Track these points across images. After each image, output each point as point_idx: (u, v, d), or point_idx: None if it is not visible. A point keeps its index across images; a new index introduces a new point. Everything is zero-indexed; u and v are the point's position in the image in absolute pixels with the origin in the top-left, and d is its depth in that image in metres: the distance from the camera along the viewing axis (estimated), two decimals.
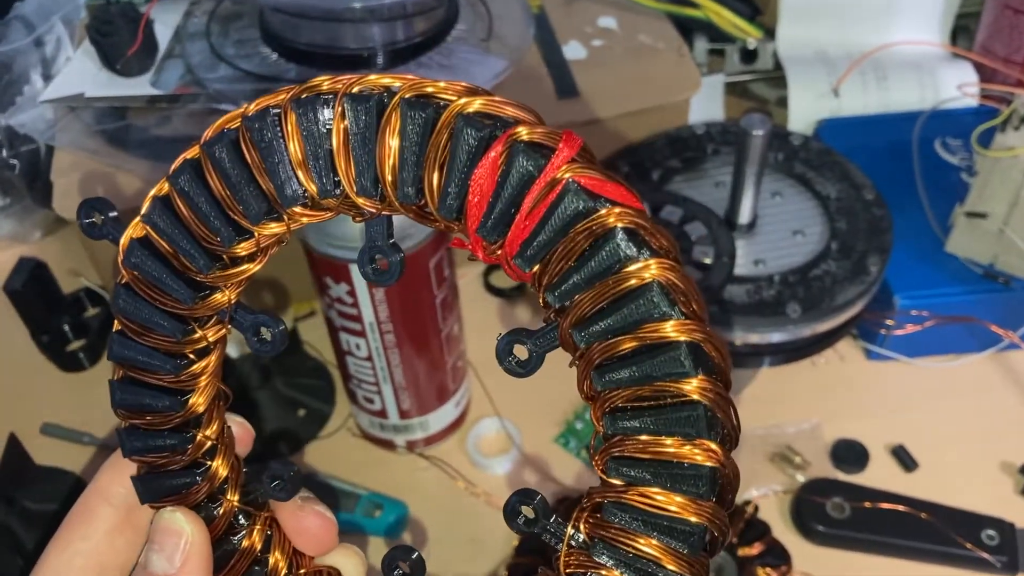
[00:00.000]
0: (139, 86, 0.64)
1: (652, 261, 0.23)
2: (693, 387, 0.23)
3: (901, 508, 0.57)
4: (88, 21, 0.65)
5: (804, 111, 0.76)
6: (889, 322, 0.63)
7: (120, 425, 0.30)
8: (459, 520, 0.58)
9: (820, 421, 0.62)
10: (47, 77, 0.69)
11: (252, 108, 0.25)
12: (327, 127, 0.25)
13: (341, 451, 0.62)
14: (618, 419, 0.24)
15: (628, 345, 0.23)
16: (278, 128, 0.25)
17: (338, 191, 0.25)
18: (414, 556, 0.30)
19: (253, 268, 0.28)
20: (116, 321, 0.29)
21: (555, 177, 0.23)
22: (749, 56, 0.81)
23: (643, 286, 0.23)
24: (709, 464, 0.23)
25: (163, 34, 0.67)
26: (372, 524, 0.57)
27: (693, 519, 0.24)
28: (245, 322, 0.28)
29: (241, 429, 0.34)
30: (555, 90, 0.64)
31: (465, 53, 0.65)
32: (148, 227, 0.27)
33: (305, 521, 0.33)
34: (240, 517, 0.32)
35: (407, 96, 0.24)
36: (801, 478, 0.59)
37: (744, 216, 0.60)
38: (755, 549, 0.55)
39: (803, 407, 0.63)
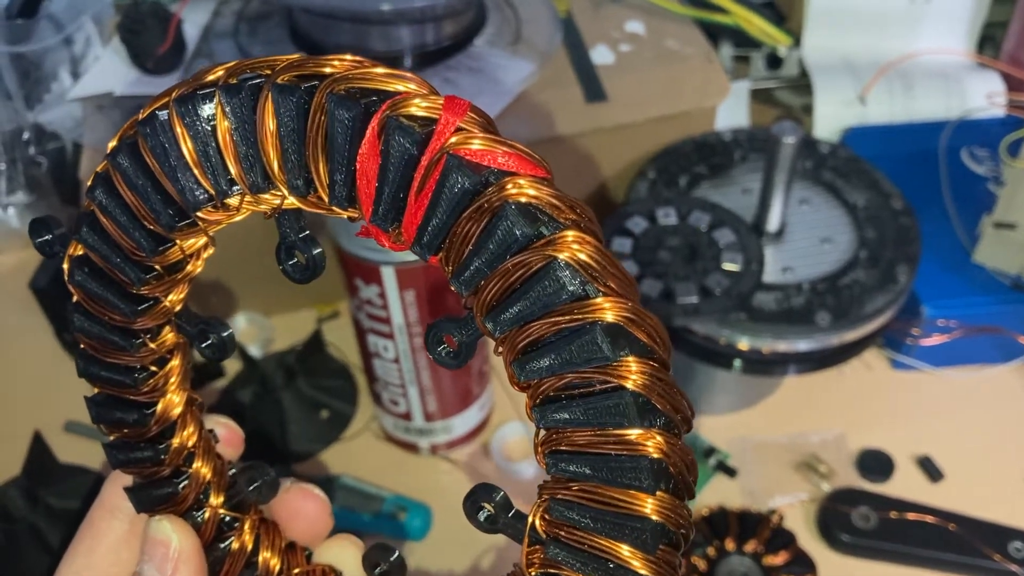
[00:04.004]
0: (167, 85, 0.64)
1: (555, 235, 0.21)
2: (617, 371, 0.21)
3: (928, 519, 0.56)
4: (119, 20, 0.65)
5: (830, 118, 0.76)
6: (916, 332, 0.63)
7: (106, 439, 0.30)
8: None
9: (845, 430, 0.62)
10: (75, 75, 0.69)
11: (145, 111, 0.24)
12: (211, 123, 0.23)
13: (364, 453, 0.62)
14: (548, 411, 0.22)
15: (543, 331, 0.21)
16: (168, 130, 0.23)
17: (235, 190, 0.24)
18: (394, 557, 0.29)
19: (188, 274, 0.27)
20: (77, 339, 0.29)
21: (437, 153, 0.21)
22: (774, 63, 0.81)
23: (546, 265, 0.20)
24: (647, 455, 0.21)
25: (191, 33, 0.67)
26: (398, 527, 0.57)
27: (640, 514, 0.21)
28: (191, 329, 0.28)
29: (227, 430, 0.34)
30: (583, 94, 0.64)
31: (493, 57, 0.65)
32: (82, 245, 0.26)
33: (292, 504, 0.33)
34: (229, 520, 0.32)
35: (279, 81, 0.22)
36: (826, 487, 0.59)
37: (773, 223, 0.59)
38: (780, 558, 0.55)
39: (828, 416, 0.63)
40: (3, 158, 0.69)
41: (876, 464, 0.60)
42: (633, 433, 0.21)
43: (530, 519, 0.23)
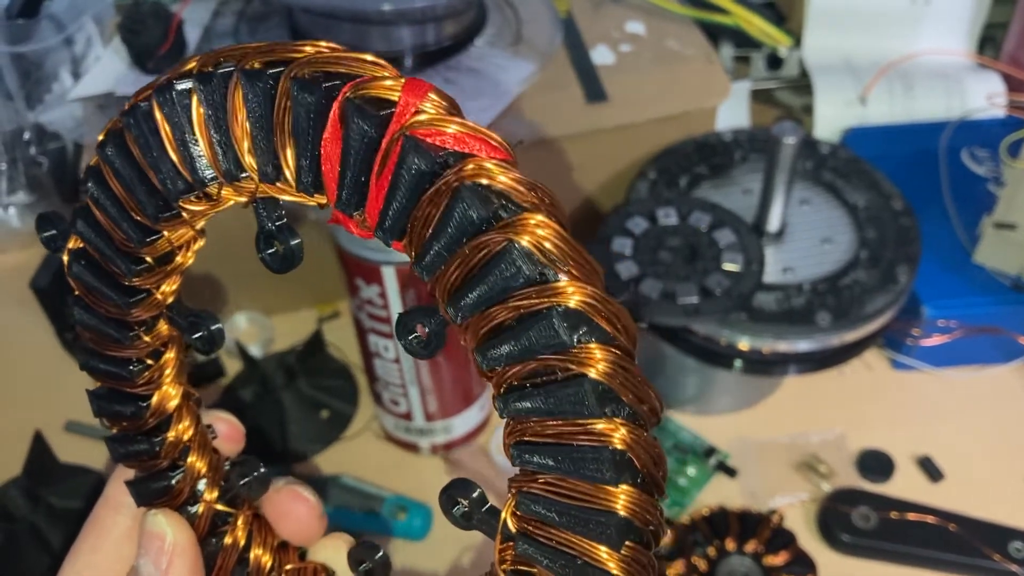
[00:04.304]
0: None
1: (514, 218, 0.20)
2: (577, 358, 0.20)
3: (928, 519, 0.56)
4: (119, 20, 0.65)
5: (830, 119, 0.76)
6: (916, 332, 0.63)
7: (107, 434, 0.31)
8: None
9: (845, 430, 0.62)
10: (76, 75, 0.69)
11: (129, 102, 0.24)
12: (187, 112, 0.23)
13: (365, 453, 0.62)
14: (510, 400, 0.21)
15: (503, 317, 0.20)
16: (151, 120, 0.23)
17: (211, 178, 0.24)
18: (379, 555, 0.29)
19: (178, 266, 0.27)
20: (78, 332, 0.29)
21: (395, 135, 0.20)
22: (775, 63, 0.81)
23: (503, 249, 0.20)
24: (609, 445, 0.20)
25: (192, 33, 0.67)
26: (398, 527, 0.57)
27: (605, 507, 0.21)
28: (182, 322, 0.28)
29: (228, 426, 0.34)
30: (583, 95, 0.64)
31: (493, 57, 0.65)
32: (78, 237, 0.27)
33: (284, 504, 0.33)
34: (223, 514, 0.32)
35: (247, 68, 0.22)
36: (826, 487, 0.59)
37: (773, 224, 0.60)
38: (781, 558, 0.55)
39: (829, 416, 0.63)
40: (4, 158, 0.70)
41: (876, 464, 0.60)
42: (594, 423, 0.20)
43: (503, 515, 0.22)
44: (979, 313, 0.62)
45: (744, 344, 0.56)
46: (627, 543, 0.21)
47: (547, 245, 0.20)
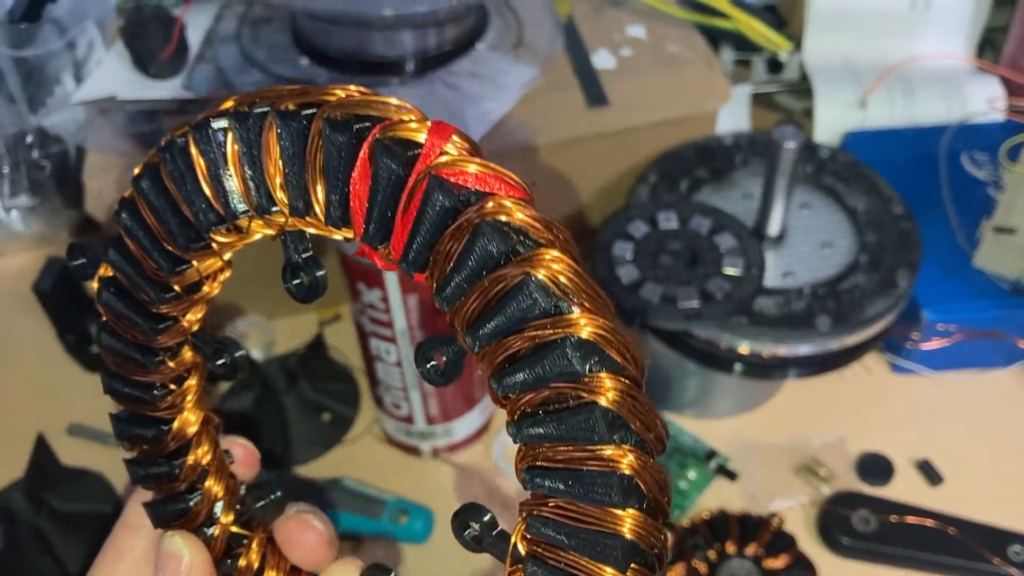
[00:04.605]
0: (171, 89, 0.64)
1: (531, 253, 0.21)
2: (588, 386, 0.21)
3: (928, 522, 0.57)
4: (121, 24, 0.66)
5: (831, 123, 0.76)
6: (916, 336, 0.63)
7: (128, 456, 0.32)
8: None
9: (845, 433, 0.62)
10: (79, 79, 0.69)
11: (166, 138, 0.26)
12: (222, 149, 0.25)
13: (366, 456, 0.63)
14: (524, 426, 0.22)
15: (518, 346, 0.21)
16: (187, 155, 0.25)
17: (243, 212, 0.25)
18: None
19: (205, 295, 0.29)
20: (103, 357, 0.30)
21: (421, 174, 0.22)
22: (775, 67, 0.81)
23: (520, 282, 0.21)
24: (617, 470, 0.21)
25: (194, 37, 0.67)
26: (399, 530, 0.57)
27: (612, 531, 0.22)
28: (206, 348, 0.30)
29: (244, 450, 0.35)
30: (584, 99, 0.65)
31: (495, 61, 0.65)
32: (110, 265, 0.28)
33: (294, 532, 0.34)
34: (238, 537, 0.33)
35: (282, 109, 0.24)
36: (826, 490, 0.59)
37: (773, 228, 0.60)
38: (781, 561, 0.55)
39: (829, 419, 0.63)
40: (6, 161, 0.70)
41: (876, 467, 0.60)
42: (603, 448, 0.21)
43: (513, 538, 0.23)
44: (979, 317, 0.62)
45: (744, 348, 0.56)
46: (632, 565, 0.22)
47: (561, 279, 0.21)
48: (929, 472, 0.60)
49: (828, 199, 0.63)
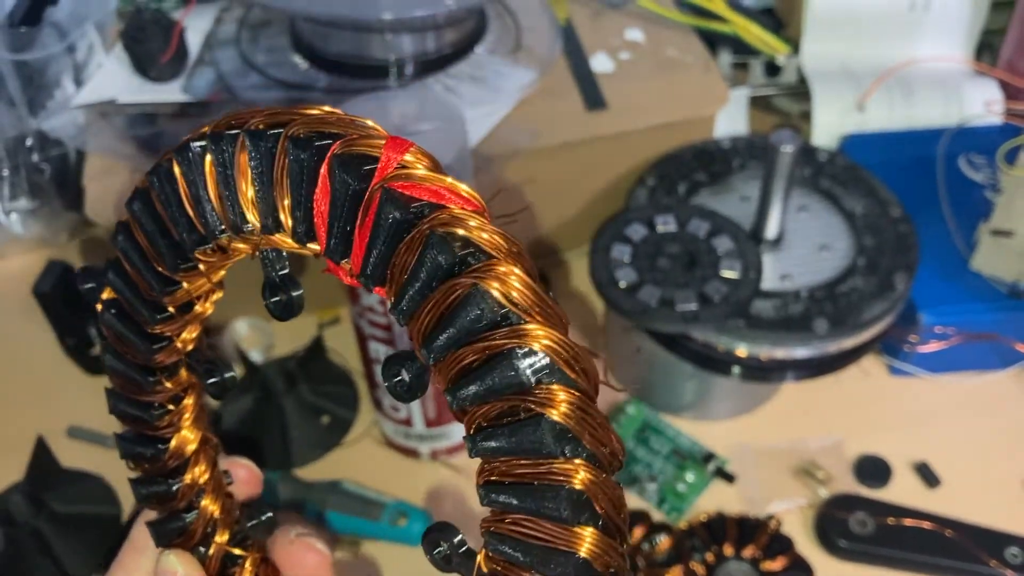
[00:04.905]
0: (171, 92, 0.64)
1: (481, 264, 0.21)
2: (536, 398, 0.21)
3: (925, 524, 0.57)
4: (121, 27, 0.66)
5: (829, 126, 0.76)
6: (913, 338, 0.63)
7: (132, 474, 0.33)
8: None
9: (843, 436, 0.62)
10: (79, 83, 0.69)
11: (157, 161, 0.26)
12: (201, 170, 0.25)
13: (365, 458, 0.63)
14: (478, 439, 0.22)
15: (470, 358, 0.21)
16: (171, 178, 0.26)
17: (221, 231, 0.26)
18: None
19: (197, 315, 0.30)
20: (108, 377, 0.31)
21: (375, 187, 0.22)
22: (773, 70, 0.82)
23: (469, 293, 0.21)
24: (566, 484, 0.21)
25: (193, 40, 0.67)
26: (398, 533, 0.57)
27: (564, 547, 0.21)
28: (199, 367, 0.30)
29: (246, 471, 0.36)
30: (583, 102, 0.65)
31: (493, 65, 0.66)
32: (110, 287, 0.29)
33: (296, 555, 0.35)
34: (233, 556, 0.34)
35: (251, 128, 0.24)
36: (824, 493, 0.59)
37: (771, 231, 0.60)
38: (778, 563, 0.55)
39: (826, 422, 0.64)
40: (6, 164, 0.70)
41: (874, 470, 0.61)
42: (551, 461, 0.21)
43: (478, 558, 0.23)
44: (976, 320, 0.63)
45: (742, 351, 0.56)
46: None
47: (512, 291, 0.21)
48: (926, 474, 0.61)
49: (826, 202, 0.64)
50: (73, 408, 0.66)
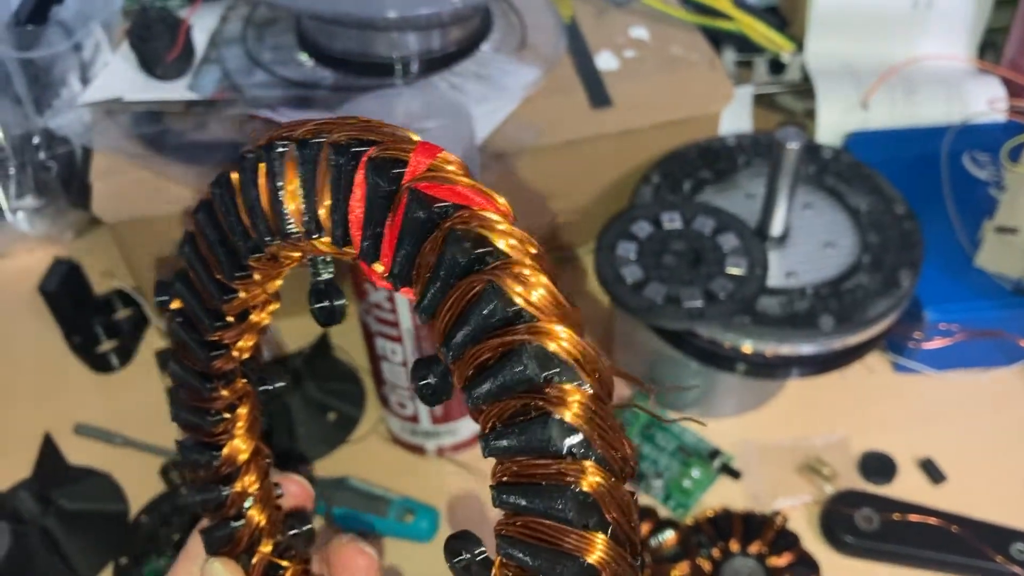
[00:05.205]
0: (177, 90, 0.64)
1: (499, 262, 0.21)
2: (546, 396, 0.20)
3: (930, 520, 0.57)
4: (127, 26, 0.66)
5: (833, 124, 0.76)
6: (918, 335, 0.63)
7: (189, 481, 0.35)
8: (489, 526, 0.59)
9: (848, 433, 0.62)
10: (85, 81, 0.70)
11: (222, 170, 0.28)
12: (256, 181, 0.26)
13: (371, 455, 0.63)
14: (490, 439, 0.21)
15: (485, 356, 0.21)
16: (231, 188, 0.27)
17: (270, 239, 0.26)
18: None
19: (254, 325, 0.31)
20: (171, 385, 0.33)
21: (403, 188, 0.23)
22: (778, 68, 0.82)
23: (483, 290, 0.21)
24: (572, 485, 0.20)
25: (199, 38, 0.68)
26: (405, 529, 0.57)
27: (569, 551, 0.20)
28: (252, 376, 0.32)
29: (299, 488, 0.37)
30: (588, 100, 0.65)
31: (498, 63, 0.66)
32: (177, 296, 0.31)
33: (345, 557, 0.36)
34: (276, 567, 0.35)
35: (299, 137, 0.25)
36: (829, 489, 0.59)
37: (776, 228, 0.60)
38: (784, 559, 0.55)
39: (831, 419, 0.64)
40: (13, 162, 0.70)
41: (879, 466, 0.61)
42: (558, 461, 0.20)
43: (494, 567, 0.22)
44: (981, 317, 0.63)
45: (747, 347, 0.56)
46: None
47: (527, 289, 0.21)
48: (931, 471, 0.61)
49: (830, 199, 0.64)
50: (80, 405, 0.66)
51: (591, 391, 0.21)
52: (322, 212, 0.25)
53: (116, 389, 0.68)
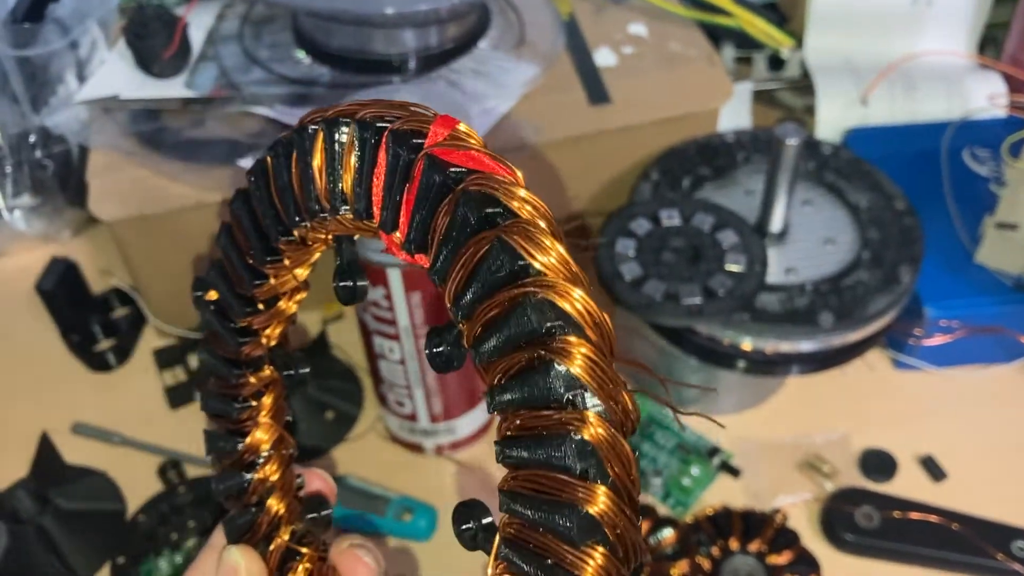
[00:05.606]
0: (173, 88, 0.64)
1: (506, 222, 0.22)
2: (549, 347, 0.21)
3: (931, 518, 0.57)
4: (124, 23, 0.66)
5: (832, 120, 0.76)
6: (918, 332, 0.63)
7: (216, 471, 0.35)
8: None
9: (848, 430, 0.62)
10: (81, 79, 0.69)
11: (258, 160, 0.29)
12: (289, 165, 0.27)
13: (370, 454, 0.63)
14: (495, 394, 0.22)
15: (492, 312, 0.22)
16: (265, 175, 0.28)
17: (299, 221, 0.28)
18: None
19: (282, 312, 0.32)
20: (200, 375, 0.35)
21: (421, 155, 0.23)
22: (777, 64, 0.81)
23: (490, 246, 0.21)
24: (571, 433, 0.20)
25: (196, 36, 0.67)
26: (403, 528, 0.57)
27: (569, 500, 0.20)
28: (279, 361, 0.34)
29: (321, 482, 0.38)
30: (586, 97, 0.65)
31: (497, 59, 0.66)
32: (211, 285, 0.32)
33: (347, 564, 0.37)
34: (293, 553, 0.36)
35: (328, 119, 0.26)
36: (830, 487, 0.59)
37: (776, 225, 0.60)
38: (784, 557, 0.55)
39: (831, 416, 0.64)
40: (9, 161, 0.70)
41: (879, 464, 0.61)
42: (560, 410, 0.21)
43: (498, 532, 0.22)
44: (981, 313, 0.63)
45: (747, 344, 0.56)
46: (596, 547, 0.20)
47: (535, 245, 0.21)
48: (932, 468, 0.60)
49: (830, 196, 0.63)
50: (77, 404, 0.66)
51: (594, 344, 0.21)
52: (347, 186, 0.26)
53: (113, 388, 0.67)
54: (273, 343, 0.33)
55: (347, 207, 0.26)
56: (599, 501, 0.20)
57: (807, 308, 0.56)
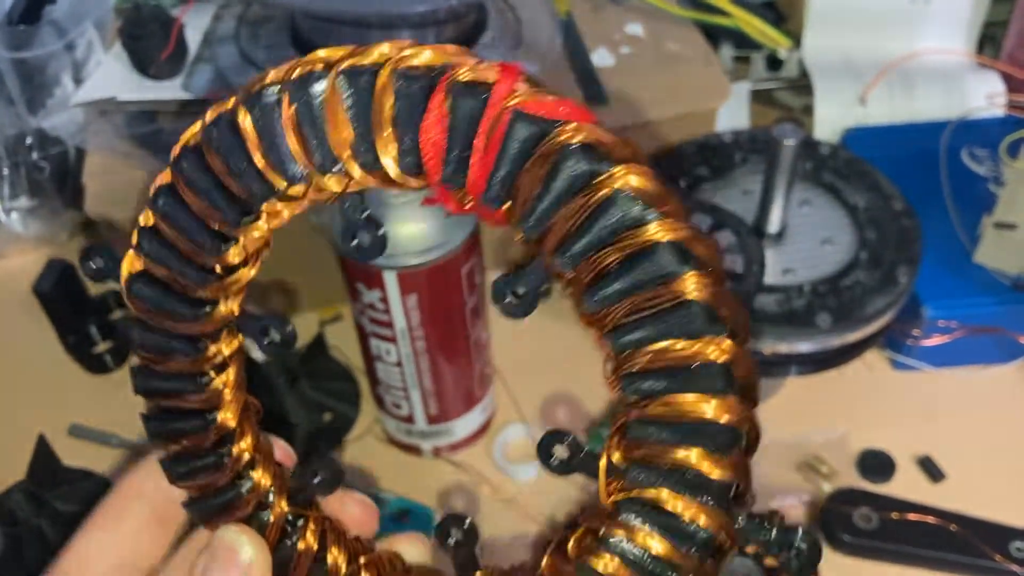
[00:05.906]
0: (170, 90, 0.64)
1: (615, 170, 0.22)
2: (684, 285, 0.22)
3: (929, 519, 0.57)
4: (120, 25, 0.66)
5: (831, 120, 0.76)
6: (916, 332, 0.63)
7: (162, 455, 0.31)
8: (485, 526, 0.59)
9: (846, 431, 0.62)
10: (78, 81, 0.69)
11: (208, 117, 0.26)
12: (278, 116, 0.25)
13: (367, 456, 0.63)
14: (619, 335, 0.23)
15: (612, 258, 0.23)
16: (235, 129, 0.25)
17: (300, 176, 0.25)
18: (466, 524, 0.30)
19: (247, 274, 0.28)
20: (135, 355, 0.30)
21: (502, 108, 0.23)
22: (775, 64, 0.81)
23: (611, 195, 0.22)
24: (718, 358, 0.23)
25: (192, 37, 0.67)
26: (400, 530, 0.57)
27: (713, 418, 0.23)
28: (251, 327, 0.29)
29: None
30: (584, 97, 0.65)
31: (494, 59, 0.65)
32: (142, 256, 0.28)
33: (348, 509, 0.33)
34: (293, 518, 0.32)
35: (344, 67, 0.24)
36: (828, 487, 0.59)
37: (773, 225, 0.60)
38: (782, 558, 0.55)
39: (829, 416, 0.63)
40: (6, 163, 0.70)
41: (877, 464, 0.60)
42: (704, 342, 0.23)
43: (605, 453, 0.24)
44: (980, 313, 0.62)
45: None
46: (731, 449, 0.24)
47: (646, 190, 0.22)
48: (930, 469, 0.60)
49: (828, 196, 0.63)
50: (74, 407, 0.66)
51: (716, 275, 0.23)
52: (383, 143, 0.24)
53: (111, 390, 0.67)
54: (236, 311, 0.29)
55: (381, 166, 0.24)
56: (739, 413, 0.23)
57: (805, 309, 0.56)
